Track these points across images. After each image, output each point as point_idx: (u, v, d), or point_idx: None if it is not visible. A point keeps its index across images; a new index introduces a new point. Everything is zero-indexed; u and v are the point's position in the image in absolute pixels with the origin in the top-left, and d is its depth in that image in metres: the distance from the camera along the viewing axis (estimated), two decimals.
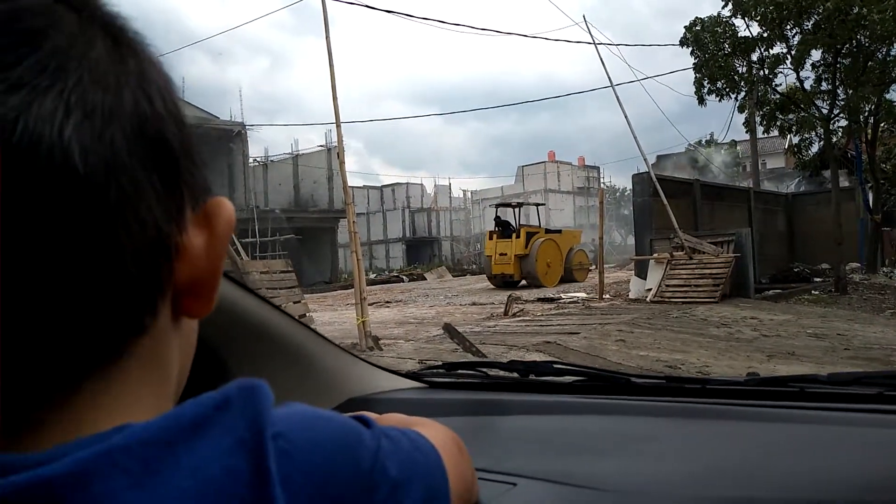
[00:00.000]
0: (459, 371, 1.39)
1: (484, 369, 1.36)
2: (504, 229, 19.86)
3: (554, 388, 1.25)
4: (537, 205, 23.41)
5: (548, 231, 20.94)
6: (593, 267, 23.01)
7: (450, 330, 6.72)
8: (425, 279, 28.16)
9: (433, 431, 0.50)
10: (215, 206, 0.39)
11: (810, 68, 15.18)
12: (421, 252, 42.57)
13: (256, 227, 25.09)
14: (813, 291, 13.36)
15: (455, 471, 0.48)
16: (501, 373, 1.36)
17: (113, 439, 0.30)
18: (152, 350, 0.35)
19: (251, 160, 29.99)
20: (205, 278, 0.37)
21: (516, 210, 21.48)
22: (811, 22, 14.09)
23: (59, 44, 0.31)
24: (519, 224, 20.45)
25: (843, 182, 17.77)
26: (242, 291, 1.00)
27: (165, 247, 0.34)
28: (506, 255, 18.63)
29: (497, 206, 22.59)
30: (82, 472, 0.28)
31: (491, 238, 19.71)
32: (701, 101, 15.69)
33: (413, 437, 0.45)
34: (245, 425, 0.33)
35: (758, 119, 16.43)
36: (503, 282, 18.66)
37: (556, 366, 1.29)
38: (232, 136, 27.59)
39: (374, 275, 30.91)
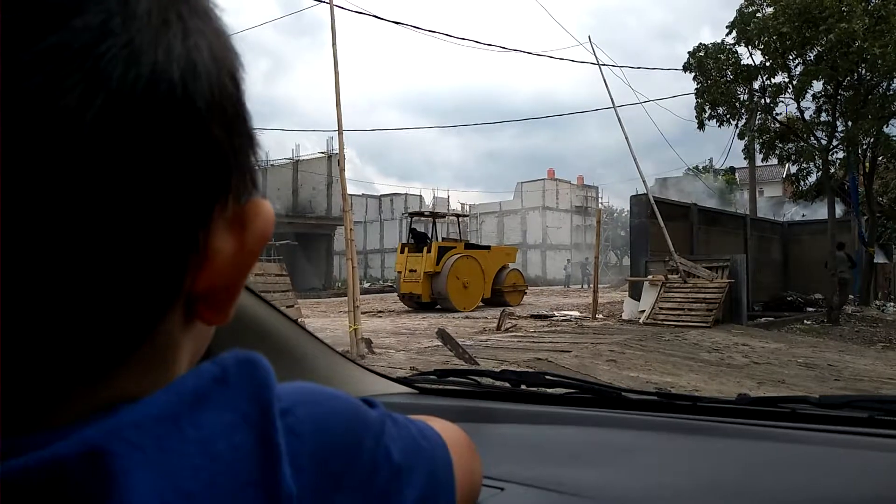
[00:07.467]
0: (451, 378, 1.38)
1: (475, 377, 1.36)
2: (418, 242, 16.88)
3: (545, 399, 1.25)
4: (458, 216, 20.64)
5: (470, 246, 17.88)
6: (529, 289, 20.38)
7: (443, 336, 6.70)
8: None
9: (446, 428, 0.49)
10: (254, 209, 0.33)
11: (811, 99, 15.33)
12: None
13: None
14: (805, 321, 13.39)
15: (464, 469, 0.47)
16: (493, 382, 1.35)
17: (121, 414, 0.28)
18: (154, 353, 0.31)
19: None
20: (224, 290, 0.33)
21: (460, 221, 18.75)
22: (814, 53, 14.23)
23: None
24: (434, 236, 17.38)
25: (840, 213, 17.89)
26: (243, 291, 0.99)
27: (192, 246, 0.30)
28: (415, 271, 15.88)
29: (411, 214, 19.78)
30: (94, 450, 0.26)
31: (402, 251, 16.72)
32: (701, 125, 15.78)
33: (421, 427, 0.44)
34: (247, 400, 0.32)
35: (757, 147, 16.53)
36: (414, 302, 16.11)
37: (547, 377, 1.29)
38: None
39: (369, 283, 30.86)
